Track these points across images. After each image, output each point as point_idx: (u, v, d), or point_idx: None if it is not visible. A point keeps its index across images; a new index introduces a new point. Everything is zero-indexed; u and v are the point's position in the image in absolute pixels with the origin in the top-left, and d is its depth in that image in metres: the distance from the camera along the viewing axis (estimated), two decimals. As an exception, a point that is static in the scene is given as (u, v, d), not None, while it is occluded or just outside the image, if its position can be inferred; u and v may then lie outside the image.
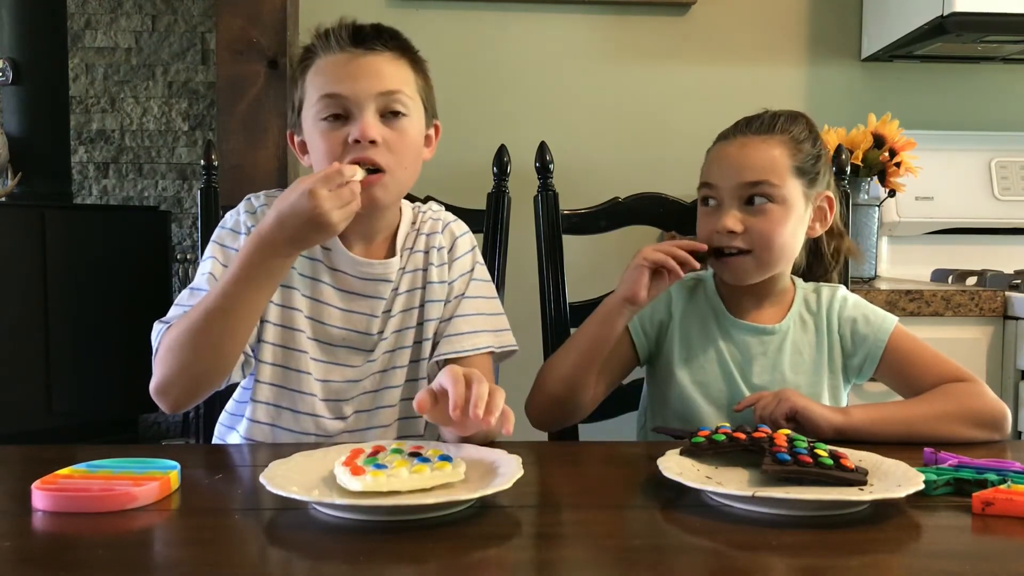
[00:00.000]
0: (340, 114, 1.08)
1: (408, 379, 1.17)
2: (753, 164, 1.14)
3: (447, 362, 1.12)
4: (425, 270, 1.18)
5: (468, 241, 1.23)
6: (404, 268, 1.17)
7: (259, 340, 1.13)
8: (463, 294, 1.18)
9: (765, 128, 1.17)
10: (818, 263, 1.28)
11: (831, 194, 1.21)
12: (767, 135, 1.16)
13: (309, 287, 1.14)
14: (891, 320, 1.19)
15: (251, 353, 1.12)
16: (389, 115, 1.09)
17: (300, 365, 1.13)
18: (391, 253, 1.17)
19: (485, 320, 1.17)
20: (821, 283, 1.25)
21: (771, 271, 1.17)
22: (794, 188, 1.15)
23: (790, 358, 1.18)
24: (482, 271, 1.22)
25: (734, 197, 1.15)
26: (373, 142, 1.06)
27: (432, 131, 1.18)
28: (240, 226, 1.14)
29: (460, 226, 1.24)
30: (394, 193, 1.12)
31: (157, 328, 1.07)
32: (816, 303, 1.22)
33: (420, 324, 1.17)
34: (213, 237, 1.16)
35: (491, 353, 1.16)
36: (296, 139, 1.17)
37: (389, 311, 1.15)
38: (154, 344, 1.06)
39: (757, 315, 1.21)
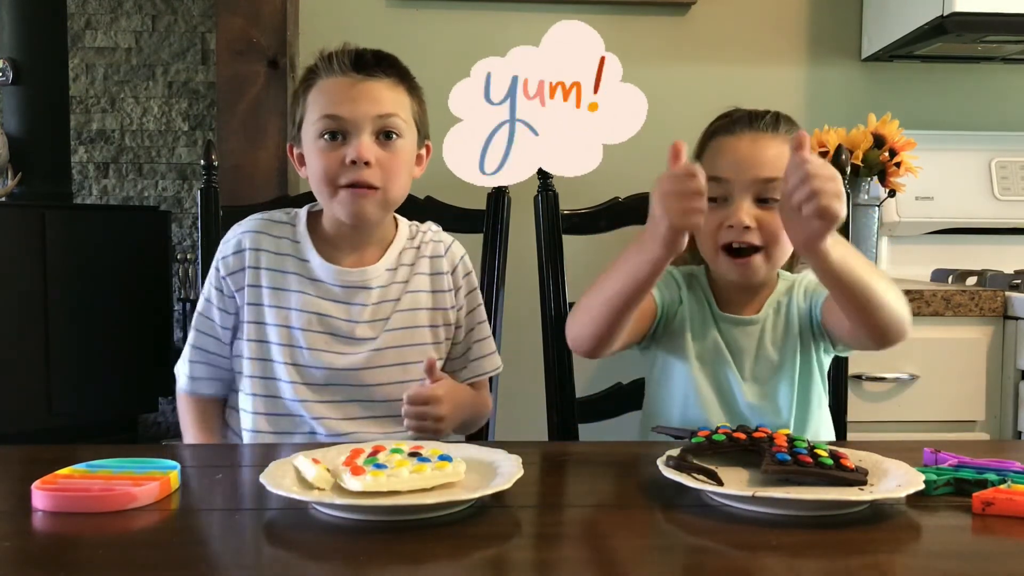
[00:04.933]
0: (337, 132, 1.14)
1: (398, 363, 1.20)
2: (767, 160, 1.15)
3: (472, 382, 1.27)
4: (406, 282, 1.22)
5: (468, 263, 1.30)
6: (395, 280, 1.22)
7: (244, 375, 1.19)
8: (475, 318, 1.28)
9: (771, 126, 1.18)
10: None
11: None
12: (774, 133, 1.18)
13: (284, 304, 1.19)
14: None
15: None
16: (383, 136, 1.16)
17: (278, 374, 1.17)
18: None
19: (491, 342, 1.30)
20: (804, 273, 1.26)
21: (777, 268, 1.19)
22: None
23: (771, 344, 1.20)
24: (478, 290, 1.31)
25: (747, 192, 1.15)
26: (368, 163, 1.13)
27: (423, 151, 1.25)
28: (218, 261, 1.21)
29: (459, 247, 1.31)
30: (384, 209, 1.19)
31: (180, 382, 1.23)
32: (788, 287, 1.24)
33: (407, 324, 1.21)
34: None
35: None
36: (295, 152, 1.23)
37: (365, 305, 1.20)
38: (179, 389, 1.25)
39: (741, 308, 1.22)
